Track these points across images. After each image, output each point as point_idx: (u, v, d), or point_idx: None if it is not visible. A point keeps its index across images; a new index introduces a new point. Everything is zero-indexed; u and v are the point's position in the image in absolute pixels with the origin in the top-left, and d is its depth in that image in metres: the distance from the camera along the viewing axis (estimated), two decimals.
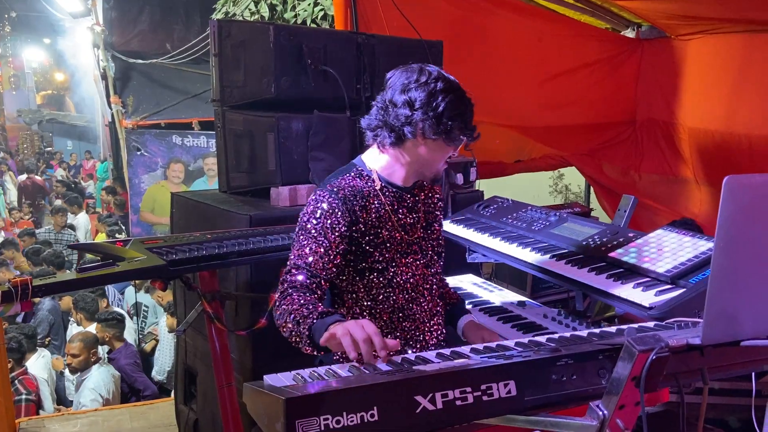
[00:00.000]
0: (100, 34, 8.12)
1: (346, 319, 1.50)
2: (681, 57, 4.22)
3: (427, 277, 1.86)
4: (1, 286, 1.74)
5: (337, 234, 1.69)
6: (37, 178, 14.13)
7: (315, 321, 1.48)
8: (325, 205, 1.71)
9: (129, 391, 4.47)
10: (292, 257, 1.69)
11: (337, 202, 1.71)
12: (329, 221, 1.69)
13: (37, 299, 4.88)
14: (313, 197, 1.75)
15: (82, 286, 1.96)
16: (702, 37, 4.05)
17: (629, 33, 4.55)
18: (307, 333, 1.48)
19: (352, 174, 1.80)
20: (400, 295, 1.81)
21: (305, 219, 1.72)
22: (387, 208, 1.79)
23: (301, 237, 1.70)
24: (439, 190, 1.98)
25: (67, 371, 4.70)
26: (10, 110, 21.65)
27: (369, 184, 1.78)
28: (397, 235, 1.80)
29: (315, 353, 1.56)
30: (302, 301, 1.56)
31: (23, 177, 13.84)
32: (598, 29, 4.53)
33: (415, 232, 1.84)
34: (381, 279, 1.78)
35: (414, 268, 1.82)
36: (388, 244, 1.78)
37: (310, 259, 1.66)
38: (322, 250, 1.67)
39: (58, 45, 17.56)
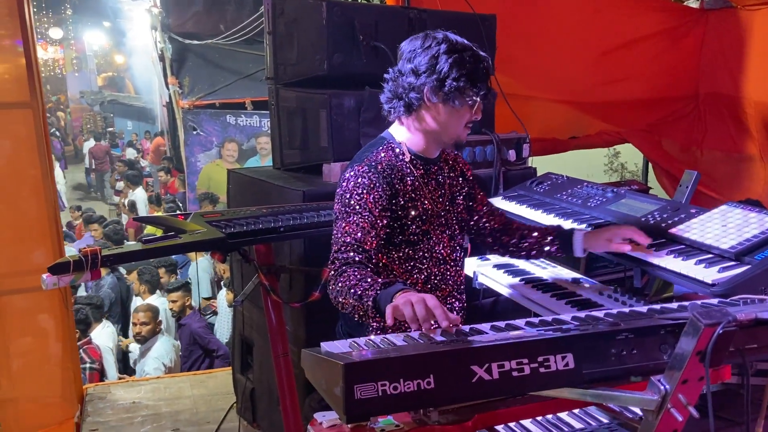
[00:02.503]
0: (158, 16, 8.30)
1: (407, 286, 1.51)
2: (748, 28, 4.01)
3: (454, 248, 1.90)
4: (72, 256, 1.82)
5: (380, 208, 1.71)
6: (104, 144, 15.23)
7: (378, 292, 1.49)
8: (365, 180, 1.71)
9: (202, 353, 4.65)
10: (339, 235, 1.69)
11: (376, 176, 1.72)
12: (372, 196, 1.70)
13: (104, 271, 5.10)
14: (351, 173, 1.74)
15: (148, 256, 2.05)
16: None
17: (692, 3, 4.36)
18: (371, 305, 1.49)
19: (384, 147, 1.81)
20: (433, 267, 1.84)
21: (347, 196, 1.72)
22: (420, 180, 1.80)
23: (346, 214, 1.70)
24: (463, 163, 1.98)
25: (132, 341, 4.93)
26: (73, 92, 22.52)
27: (400, 157, 1.80)
28: (429, 206, 1.82)
29: (381, 322, 1.62)
30: (359, 276, 1.57)
31: (92, 144, 15.06)
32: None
33: (443, 204, 1.87)
34: (416, 251, 1.80)
35: (444, 239, 1.85)
36: (423, 216, 1.80)
37: (359, 235, 1.66)
38: (368, 225, 1.68)
39: (117, 27, 18.07)
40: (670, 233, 1.96)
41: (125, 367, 5.04)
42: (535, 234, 2.03)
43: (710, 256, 1.80)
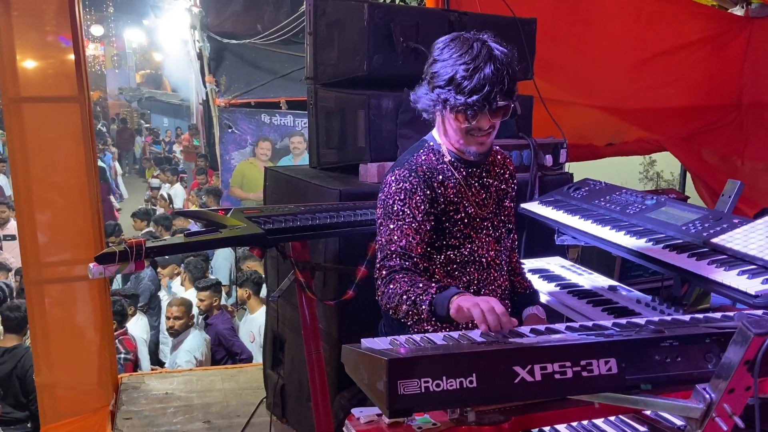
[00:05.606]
0: (197, 15, 8.45)
1: (461, 289, 1.52)
2: None
3: (499, 252, 1.86)
4: (117, 247, 1.88)
5: (423, 212, 1.70)
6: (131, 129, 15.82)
7: (434, 296, 1.50)
8: (406, 185, 1.71)
9: (226, 355, 4.71)
10: (384, 242, 1.69)
11: (417, 180, 1.71)
12: (414, 200, 1.70)
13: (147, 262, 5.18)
14: (393, 177, 1.74)
15: (190, 249, 2.09)
16: None
17: (737, 11, 4.27)
18: (427, 308, 1.51)
19: (425, 150, 1.80)
20: (475, 271, 1.81)
21: (389, 202, 1.72)
22: (462, 182, 1.78)
23: (389, 220, 1.70)
24: (512, 165, 1.94)
25: (164, 334, 5.02)
26: (112, 88, 23.07)
27: (441, 159, 1.78)
28: (472, 210, 1.79)
29: (436, 326, 1.66)
30: (411, 281, 1.58)
31: (120, 126, 15.65)
32: (703, 6, 4.29)
33: (488, 207, 1.83)
34: (457, 255, 1.78)
35: (487, 243, 1.82)
36: (465, 220, 1.78)
37: (403, 242, 1.67)
38: (412, 230, 1.68)
39: (156, 26, 18.46)
40: (712, 243, 1.93)
41: (156, 359, 5.13)
42: (517, 279, 2.01)
43: (753, 267, 1.76)
